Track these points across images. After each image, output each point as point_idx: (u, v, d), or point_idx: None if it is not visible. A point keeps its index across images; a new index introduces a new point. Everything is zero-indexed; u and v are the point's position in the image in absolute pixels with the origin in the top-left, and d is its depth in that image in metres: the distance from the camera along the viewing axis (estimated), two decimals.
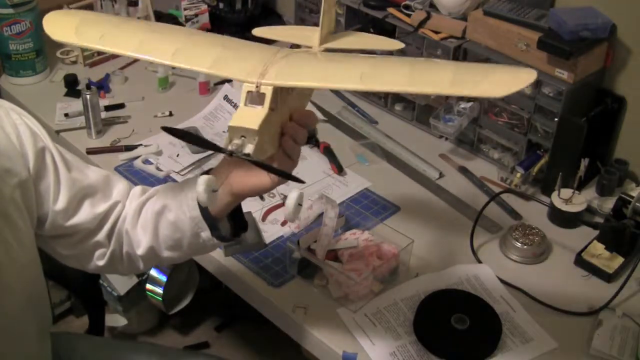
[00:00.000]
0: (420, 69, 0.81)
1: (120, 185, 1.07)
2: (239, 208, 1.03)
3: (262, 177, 0.92)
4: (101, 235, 1.05)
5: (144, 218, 1.04)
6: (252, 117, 0.79)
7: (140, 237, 1.04)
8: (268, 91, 0.80)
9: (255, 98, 0.80)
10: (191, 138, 0.91)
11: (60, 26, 0.93)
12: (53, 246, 1.05)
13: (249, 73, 0.81)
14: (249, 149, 0.80)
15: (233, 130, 0.80)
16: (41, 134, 0.99)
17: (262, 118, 0.79)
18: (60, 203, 0.99)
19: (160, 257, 1.06)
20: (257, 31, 1.12)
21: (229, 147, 0.80)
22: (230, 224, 1.03)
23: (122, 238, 1.06)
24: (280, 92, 0.83)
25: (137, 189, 1.09)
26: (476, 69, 0.83)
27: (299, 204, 0.85)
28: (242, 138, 0.80)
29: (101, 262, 1.07)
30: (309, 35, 1.03)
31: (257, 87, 0.80)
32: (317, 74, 0.80)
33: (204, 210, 0.97)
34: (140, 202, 1.05)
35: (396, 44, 1.10)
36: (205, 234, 1.00)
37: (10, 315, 0.95)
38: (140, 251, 1.05)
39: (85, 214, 1.02)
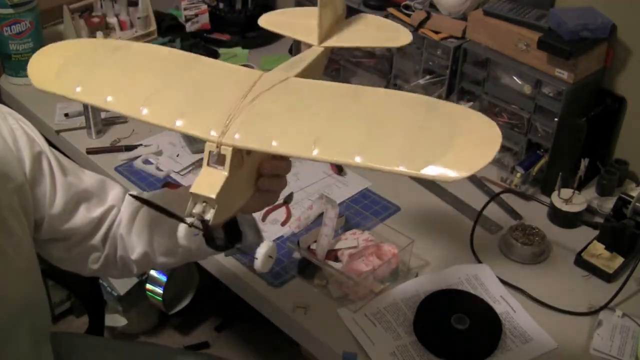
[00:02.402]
0: (376, 134, 0.75)
1: (115, 189, 1.08)
2: (234, 219, 1.02)
3: (251, 207, 0.93)
4: (96, 240, 1.05)
5: (139, 224, 1.04)
6: (211, 182, 0.77)
7: (134, 242, 1.04)
8: (228, 152, 0.77)
9: (216, 158, 0.77)
10: (151, 206, 0.91)
11: (42, 70, 0.89)
12: (48, 250, 1.05)
13: (211, 129, 0.77)
14: (210, 214, 0.78)
15: (195, 196, 0.78)
16: (38, 139, 0.99)
17: (221, 184, 0.77)
18: (57, 207, 1.00)
19: (154, 262, 1.06)
20: (263, 22, 1.10)
21: (192, 212, 0.79)
22: (226, 234, 1.02)
23: (116, 242, 1.06)
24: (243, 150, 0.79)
25: (133, 193, 1.08)
26: (439, 138, 0.74)
27: (270, 256, 0.84)
28: (204, 204, 0.78)
29: (95, 266, 1.07)
30: (313, 25, 1.01)
31: (217, 147, 0.77)
32: (275, 136, 0.76)
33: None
34: (135, 208, 1.05)
35: (404, 36, 1.08)
36: (202, 242, 1.00)
37: (1, 321, 0.94)
38: (134, 256, 1.05)
39: (80, 218, 1.03)
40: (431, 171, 0.70)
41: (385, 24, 1.13)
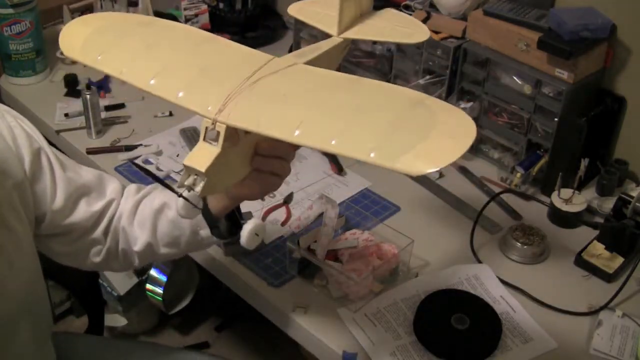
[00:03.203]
0: (356, 123, 0.77)
1: (113, 184, 1.09)
2: (236, 208, 1.04)
3: (253, 189, 0.96)
4: (97, 233, 1.06)
5: (142, 215, 1.06)
6: (203, 157, 0.80)
7: (137, 234, 1.06)
8: (222, 129, 0.80)
9: (212, 134, 0.80)
10: (149, 175, 0.94)
11: (71, 39, 0.94)
12: (49, 245, 1.06)
13: (209, 106, 0.81)
14: (199, 187, 0.81)
15: (187, 168, 0.81)
16: (36, 136, 1.01)
17: (212, 159, 0.80)
18: (58, 202, 1.01)
19: (157, 253, 1.08)
20: (293, 11, 1.13)
21: (184, 183, 0.82)
22: (228, 222, 1.04)
23: (118, 235, 1.08)
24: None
25: (132, 187, 1.11)
26: (415, 130, 0.76)
27: (256, 234, 0.88)
28: (195, 176, 0.81)
29: (97, 259, 1.09)
30: (335, 16, 1.04)
31: (212, 123, 0.80)
32: (263, 118, 0.79)
33: (204, 209, 0.98)
34: (136, 200, 1.07)
35: (421, 33, 1.09)
36: (205, 232, 1.01)
37: (2, 319, 0.95)
38: (137, 247, 1.07)
39: (81, 212, 1.04)
40: (400, 164, 0.72)
41: (406, 19, 1.15)
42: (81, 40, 0.91)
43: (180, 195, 0.83)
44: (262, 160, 0.91)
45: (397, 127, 0.76)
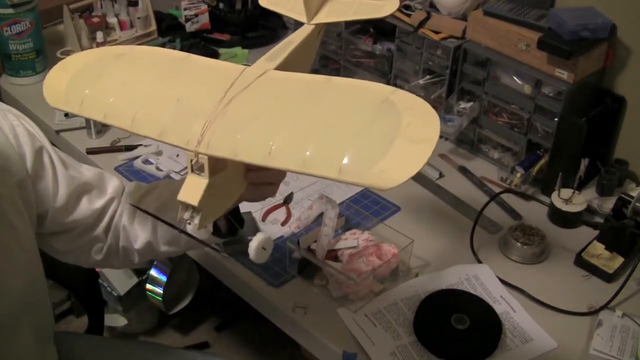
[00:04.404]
0: (322, 145, 0.77)
1: (114, 182, 1.11)
2: (236, 208, 1.05)
3: (251, 194, 0.97)
4: (99, 231, 1.07)
5: (142, 214, 1.06)
6: (194, 190, 0.81)
7: (138, 232, 1.07)
8: (205, 161, 0.80)
9: (197, 166, 0.81)
10: (148, 214, 0.96)
11: (54, 89, 0.95)
12: (51, 243, 1.07)
13: (188, 139, 0.81)
14: (196, 220, 0.82)
15: (182, 203, 0.82)
16: (38, 134, 1.02)
17: (202, 191, 0.80)
18: (60, 200, 1.02)
19: (157, 251, 1.09)
20: (264, 2, 1.12)
21: (182, 218, 0.83)
22: (227, 222, 1.05)
23: (119, 233, 1.08)
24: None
25: (132, 185, 1.12)
26: (381, 138, 0.76)
27: (263, 248, 0.88)
28: (191, 210, 0.82)
29: (98, 257, 1.10)
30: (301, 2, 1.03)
31: (195, 156, 0.80)
32: (238, 144, 0.79)
33: None
34: (137, 198, 1.08)
35: (391, 4, 1.09)
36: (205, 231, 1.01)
37: (4, 316, 0.95)
38: (137, 245, 1.08)
39: (83, 209, 1.05)
40: (369, 180, 0.72)
41: None
42: (63, 87, 0.92)
43: (182, 232, 0.85)
44: (256, 176, 0.93)
45: (362, 138, 0.76)
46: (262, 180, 0.95)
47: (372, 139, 0.76)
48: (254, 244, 0.87)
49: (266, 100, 0.85)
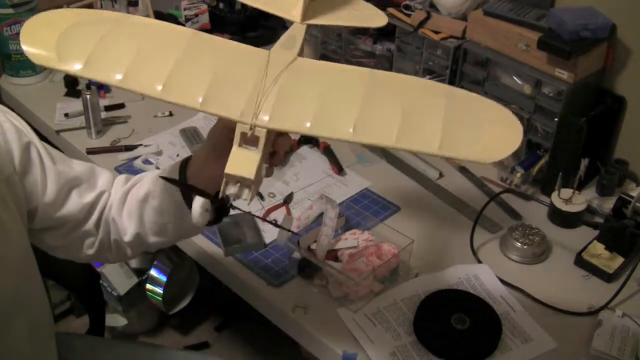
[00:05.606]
0: (412, 122, 0.77)
1: (104, 175, 1.09)
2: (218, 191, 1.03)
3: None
4: (89, 225, 1.06)
5: (129, 205, 1.05)
6: (247, 163, 0.79)
7: (126, 224, 1.06)
8: (262, 134, 0.78)
9: (249, 140, 0.79)
10: (182, 185, 0.95)
11: (39, 42, 0.82)
12: (42, 239, 1.06)
13: (242, 111, 0.78)
14: (246, 194, 0.80)
15: (229, 177, 0.79)
16: (25, 130, 1.01)
17: (257, 165, 0.79)
18: (49, 195, 1.01)
19: (147, 243, 1.07)
20: None
21: (229, 193, 0.80)
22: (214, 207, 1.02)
23: (109, 226, 1.07)
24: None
25: (121, 177, 1.11)
26: (469, 122, 0.80)
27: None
28: (238, 184, 0.80)
29: (90, 251, 1.09)
30: (297, 1, 1.01)
31: (251, 129, 0.78)
32: (309, 117, 0.78)
33: (186, 194, 0.98)
34: (124, 190, 1.07)
35: (379, 18, 1.09)
36: (189, 217, 1.00)
37: None
38: (127, 238, 1.06)
39: (73, 204, 1.04)
40: (472, 155, 0.75)
41: (359, 3, 1.12)
42: (52, 43, 0.81)
43: (230, 206, 0.83)
44: (277, 158, 0.92)
45: (451, 122, 0.78)
46: (277, 162, 0.93)
47: (464, 119, 0.79)
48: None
49: (321, 80, 0.84)
